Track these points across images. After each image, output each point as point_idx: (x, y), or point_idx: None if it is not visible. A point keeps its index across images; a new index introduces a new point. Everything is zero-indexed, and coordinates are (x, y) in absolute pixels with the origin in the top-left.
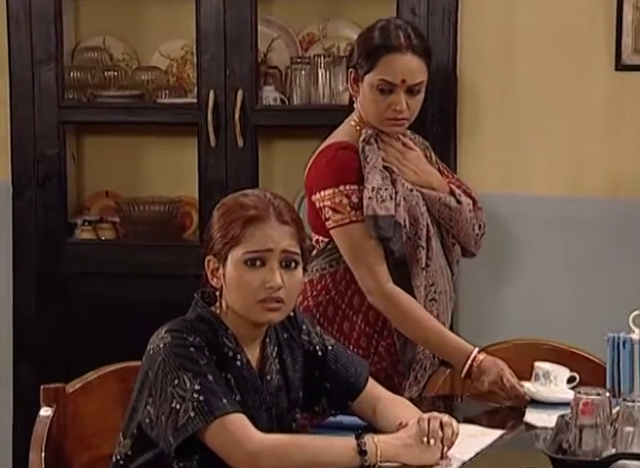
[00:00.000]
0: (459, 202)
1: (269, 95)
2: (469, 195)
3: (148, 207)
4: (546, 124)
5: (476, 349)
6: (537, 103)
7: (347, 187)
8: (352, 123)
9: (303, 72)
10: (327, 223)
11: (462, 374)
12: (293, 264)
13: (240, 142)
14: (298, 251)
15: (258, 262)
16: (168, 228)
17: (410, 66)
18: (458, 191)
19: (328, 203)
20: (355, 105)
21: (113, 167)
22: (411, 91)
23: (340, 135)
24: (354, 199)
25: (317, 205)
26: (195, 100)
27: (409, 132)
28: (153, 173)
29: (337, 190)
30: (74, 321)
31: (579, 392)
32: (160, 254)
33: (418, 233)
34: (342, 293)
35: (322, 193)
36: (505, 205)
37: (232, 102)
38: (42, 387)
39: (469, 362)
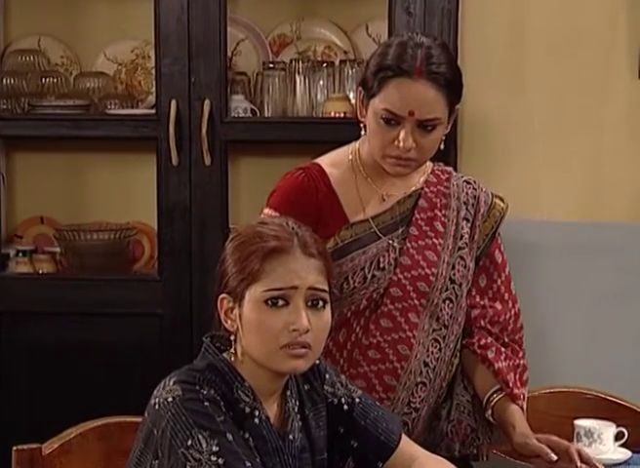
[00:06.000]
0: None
1: (238, 105)
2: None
3: (94, 235)
4: (560, 141)
5: None
6: (549, 118)
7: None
8: (349, 148)
9: (277, 79)
10: None
11: None
12: (320, 303)
13: (207, 160)
14: (326, 287)
15: (280, 301)
16: (117, 260)
17: (421, 97)
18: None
19: None
20: (362, 132)
21: (50, 188)
22: (423, 126)
23: (326, 156)
24: None
25: None
26: (154, 111)
27: (472, 181)
28: (98, 195)
29: (267, 212)
30: (8, 368)
31: None
32: (108, 290)
33: None
34: None
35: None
36: (515, 231)
37: (198, 114)
38: (14, 448)
39: None
